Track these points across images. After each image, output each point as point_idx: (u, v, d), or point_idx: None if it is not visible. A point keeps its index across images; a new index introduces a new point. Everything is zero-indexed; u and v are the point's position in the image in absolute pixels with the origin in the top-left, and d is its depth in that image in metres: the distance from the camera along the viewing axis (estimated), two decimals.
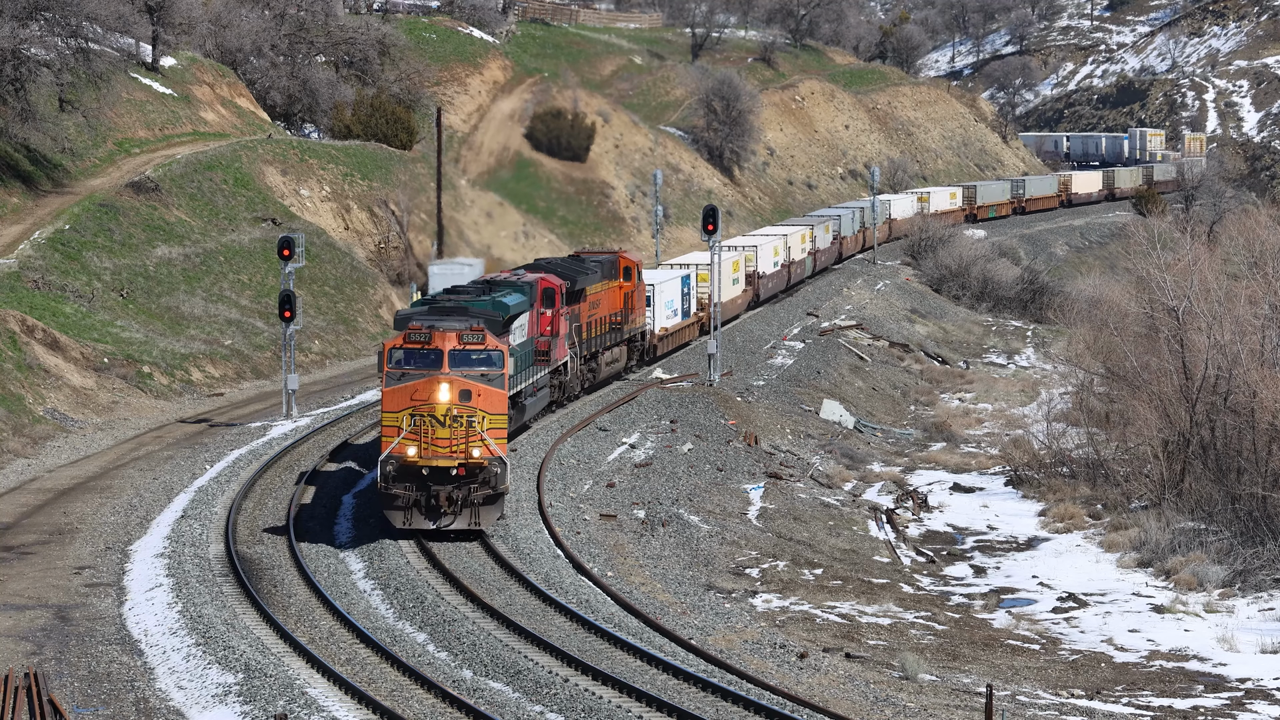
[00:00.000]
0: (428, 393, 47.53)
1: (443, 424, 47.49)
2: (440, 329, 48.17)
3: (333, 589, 45.08)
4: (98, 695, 36.64)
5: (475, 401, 47.70)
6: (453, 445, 47.57)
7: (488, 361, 48.18)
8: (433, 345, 47.89)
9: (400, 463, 47.72)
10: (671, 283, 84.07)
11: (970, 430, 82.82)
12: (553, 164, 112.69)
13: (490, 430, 47.78)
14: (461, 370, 47.78)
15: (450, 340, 47.95)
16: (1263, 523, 55.94)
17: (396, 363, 47.95)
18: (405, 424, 47.50)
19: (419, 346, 47.94)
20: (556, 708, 35.69)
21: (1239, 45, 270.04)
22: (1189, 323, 63.50)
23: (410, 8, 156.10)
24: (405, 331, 48.09)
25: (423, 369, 47.76)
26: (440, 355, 47.81)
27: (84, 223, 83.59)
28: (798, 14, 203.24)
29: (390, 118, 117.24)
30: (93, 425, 67.17)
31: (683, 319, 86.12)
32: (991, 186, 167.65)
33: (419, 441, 47.55)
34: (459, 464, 47.75)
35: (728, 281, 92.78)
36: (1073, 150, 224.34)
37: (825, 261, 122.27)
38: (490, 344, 48.29)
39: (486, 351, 48.20)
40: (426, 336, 47.95)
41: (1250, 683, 44.42)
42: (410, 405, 47.54)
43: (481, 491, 48.09)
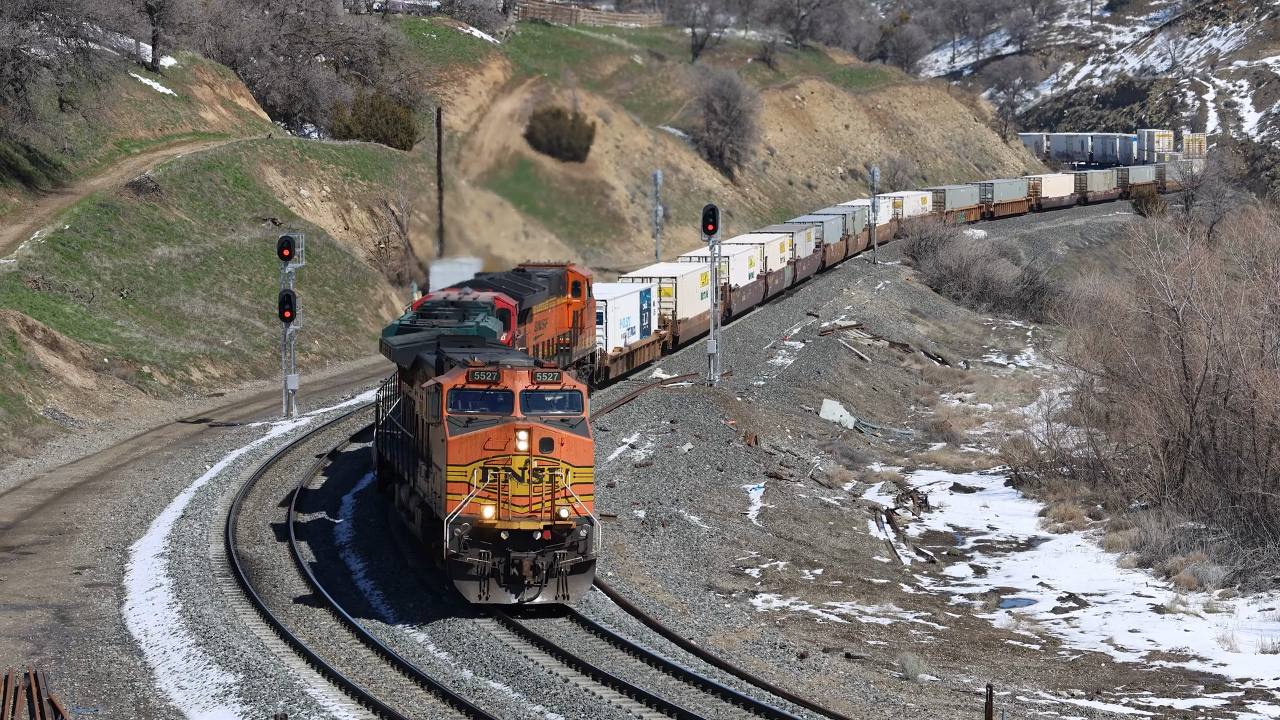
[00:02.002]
0: (502, 442, 40.80)
1: (521, 479, 40.82)
2: (509, 367, 41.79)
3: (333, 589, 45.09)
4: (98, 695, 36.65)
5: (558, 452, 40.95)
6: (535, 504, 40.87)
7: (567, 404, 41.75)
8: (501, 385, 41.43)
9: (474, 525, 40.91)
10: (628, 298, 77.53)
11: (970, 430, 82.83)
12: (553, 164, 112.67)
13: (576, 485, 41.05)
14: (538, 415, 41.23)
15: (521, 379, 41.50)
16: (1263, 523, 55.94)
17: (458, 405, 41.40)
18: (476, 479, 40.75)
19: (485, 387, 41.44)
20: (556, 708, 35.69)
21: (1239, 45, 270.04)
22: (1189, 323, 63.50)
23: (410, 8, 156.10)
24: (468, 369, 41.54)
25: (493, 414, 41.22)
26: (510, 397, 41.35)
27: (84, 223, 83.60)
28: (798, 14, 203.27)
29: (390, 118, 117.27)
30: (93, 425, 67.18)
31: (641, 337, 79.60)
32: (960, 191, 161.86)
33: (496, 500, 40.84)
34: (544, 526, 41.04)
35: (694, 296, 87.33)
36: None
37: (807, 271, 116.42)
38: (568, 384, 41.93)
39: (564, 392, 41.79)
40: (493, 375, 41.47)
41: (1250, 683, 44.43)
42: (482, 457, 40.82)
43: (569, 559, 41.30)
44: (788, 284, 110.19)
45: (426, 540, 44.72)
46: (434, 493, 42.65)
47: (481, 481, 40.68)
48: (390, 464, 51.59)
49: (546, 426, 40.88)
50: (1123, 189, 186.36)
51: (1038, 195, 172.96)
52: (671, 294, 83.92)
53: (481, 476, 40.70)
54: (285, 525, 51.58)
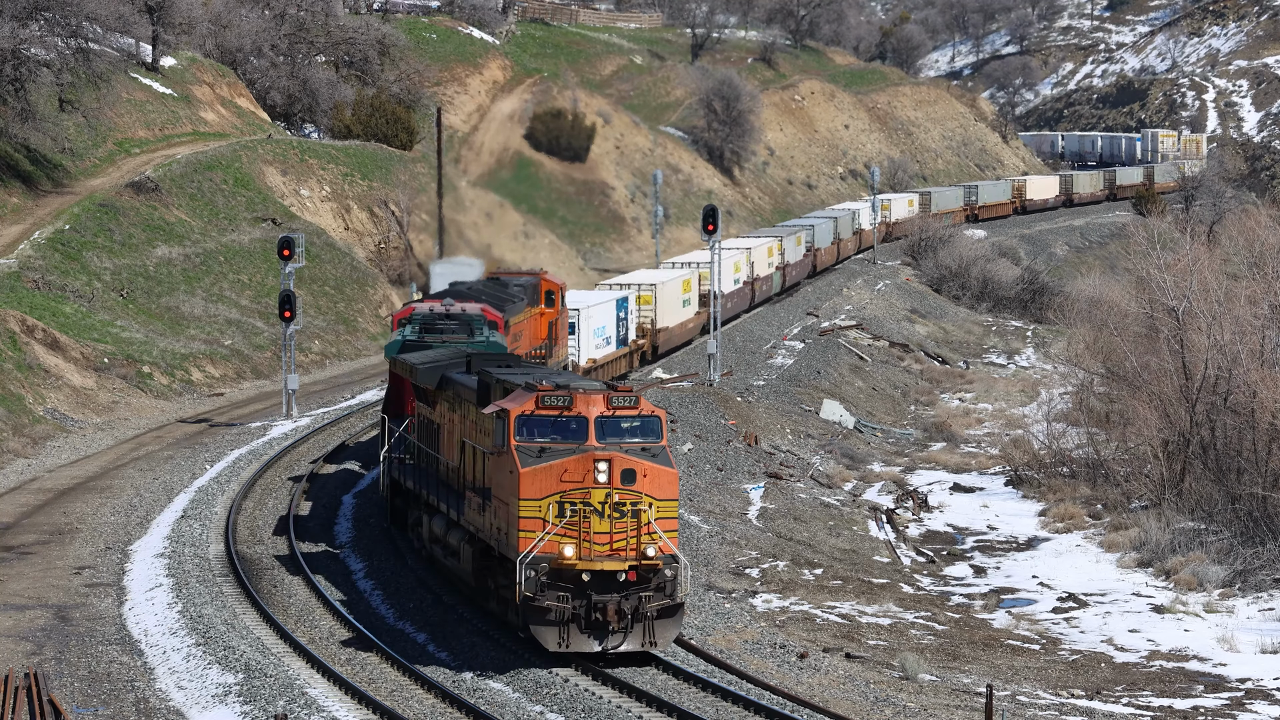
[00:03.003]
0: (580, 473, 37.27)
1: (601, 515, 37.36)
2: (582, 390, 38.37)
3: (333, 589, 45.10)
4: (98, 695, 36.65)
5: (641, 484, 37.51)
6: (617, 542, 37.38)
7: (646, 430, 38.46)
8: (575, 411, 38.01)
9: (552, 565, 37.26)
10: (602, 307, 74.68)
11: (970, 430, 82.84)
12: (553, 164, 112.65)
13: (660, 521, 37.64)
14: (617, 443, 37.90)
15: (596, 404, 38.13)
16: (1263, 523, 55.94)
17: (527, 433, 37.85)
18: (552, 514, 37.17)
19: (556, 413, 37.90)
20: (556, 708, 35.69)
21: (1239, 45, 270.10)
22: (1189, 323, 63.50)
23: (410, 8, 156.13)
24: (536, 394, 37.91)
25: (566, 442, 37.76)
26: (584, 424, 37.94)
27: (84, 223, 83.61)
28: (798, 14, 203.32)
29: (390, 118, 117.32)
30: (93, 425, 67.19)
31: (617, 348, 76.58)
32: (945, 193, 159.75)
33: (577, 538, 37.27)
34: (630, 566, 37.53)
35: (676, 304, 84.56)
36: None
37: (796, 276, 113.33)
38: (645, 408, 38.70)
39: (642, 418, 38.51)
40: (565, 400, 37.97)
41: (1250, 683, 44.43)
42: (558, 490, 37.25)
43: (656, 602, 37.76)
44: (776, 290, 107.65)
45: (478, 580, 41.12)
46: (494, 528, 39.01)
47: (558, 517, 37.16)
48: (412, 493, 47.90)
49: (628, 456, 37.55)
50: (1109, 191, 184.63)
51: (1022, 197, 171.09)
52: (651, 302, 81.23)
53: (558, 512, 37.19)
54: (285, 525, 51.58)
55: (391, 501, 50.58)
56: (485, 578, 40.52)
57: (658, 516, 37.41)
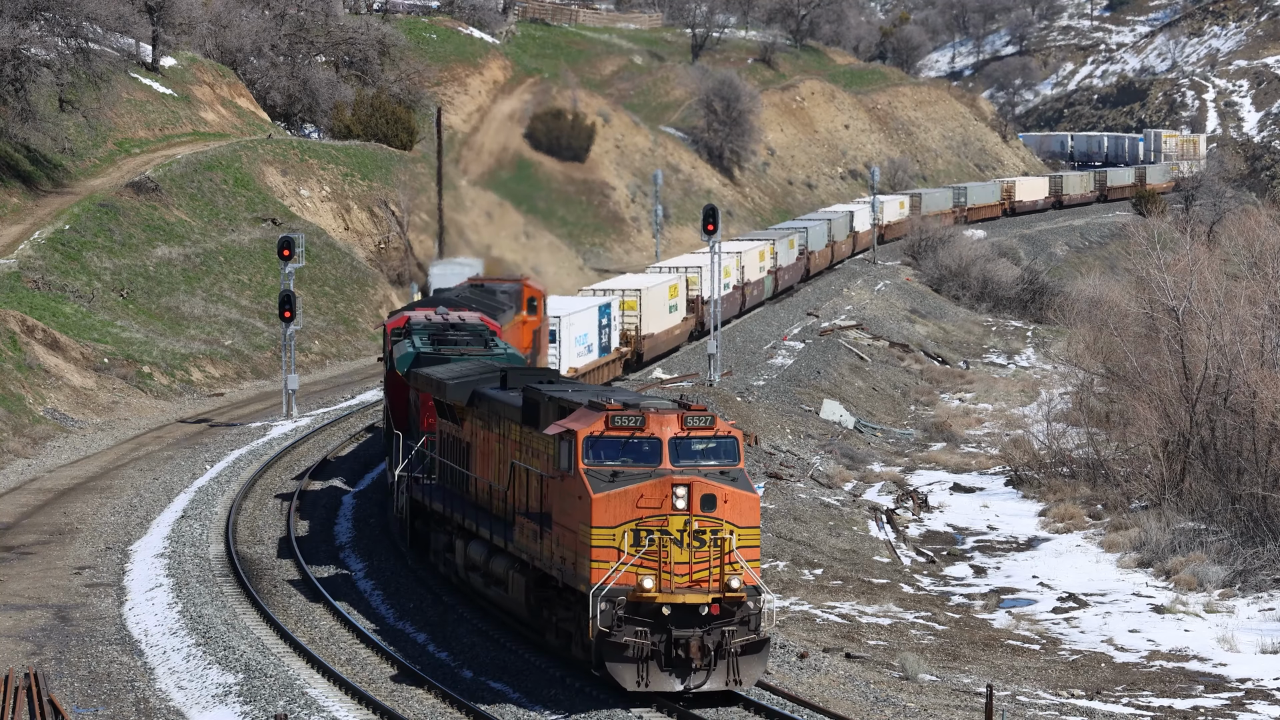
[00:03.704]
0: (658, 499, 34.70)
1: (680, 543, 34.81)
2: (654, 410, 35.72)
3: (333, 589, 45.09)
4: (98, 695, 36.65)
5: (721, 510, 35.05)
6: (697, 573, 34.86)
7: (723, 452, 35.80)
8: (647, 432, 35.35)
9: (630, 598, 34.65)
10: (584, 314, 72.48)
11: (970, 430, 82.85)
12: (553, 164, 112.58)
13: (743, 549, 35.38)
14: (692, 465, 35.28)
15: (670, 424, 35.42)
16: (1263, 523, 55.94)
17: (596, 455, 35.24)
18: (627, 543, 34.61)
19: (628, 434, 35.30)
20: (557, 708, 35.67)
21: (1239, 45, 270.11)
22: (1189, 323, 63.50)
23: (410, 8, 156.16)
24: (605, 413, 35.36)
25: (639, 465, 35.13)
26: (658, 446, 35.27)
27: (84, 223, 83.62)
28: (798, 14, 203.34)
29: (390, 118, 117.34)
30: (93, 425, 67.20)
31: (599, 356, 74.21)
32: (935, 194, 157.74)
33: (657, 569, 34.73)
34: (713, 599, 35.02)
35: (662, 309, 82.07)
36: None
37: (789, 280, 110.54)
38: (721, 428, 35.89)
39: (718, 439, 35.77)
40: (638, 420, 35.35)
41: (1250, 683, 44.43)
42: (634, 517, 34.68)
43: (741, 637, 35.29)
44: (768, 294, 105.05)
45: (533, 613, 38.37)
46: (556, 557, 36.39)
47: (633, 546, 34.56)
48: (439, 516, 44.81)
49: (708, 481, 34.97)
50: (1100, 192, 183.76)
51: (1011, 199, 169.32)
52: (635, 307, 78.98)
53: (633, 540, 34.59)
54: (285, 525, 51.58)
55: (411, 524, 47.64)
56: (541, 609, 37.95)
57: (740, 545, 35.19)
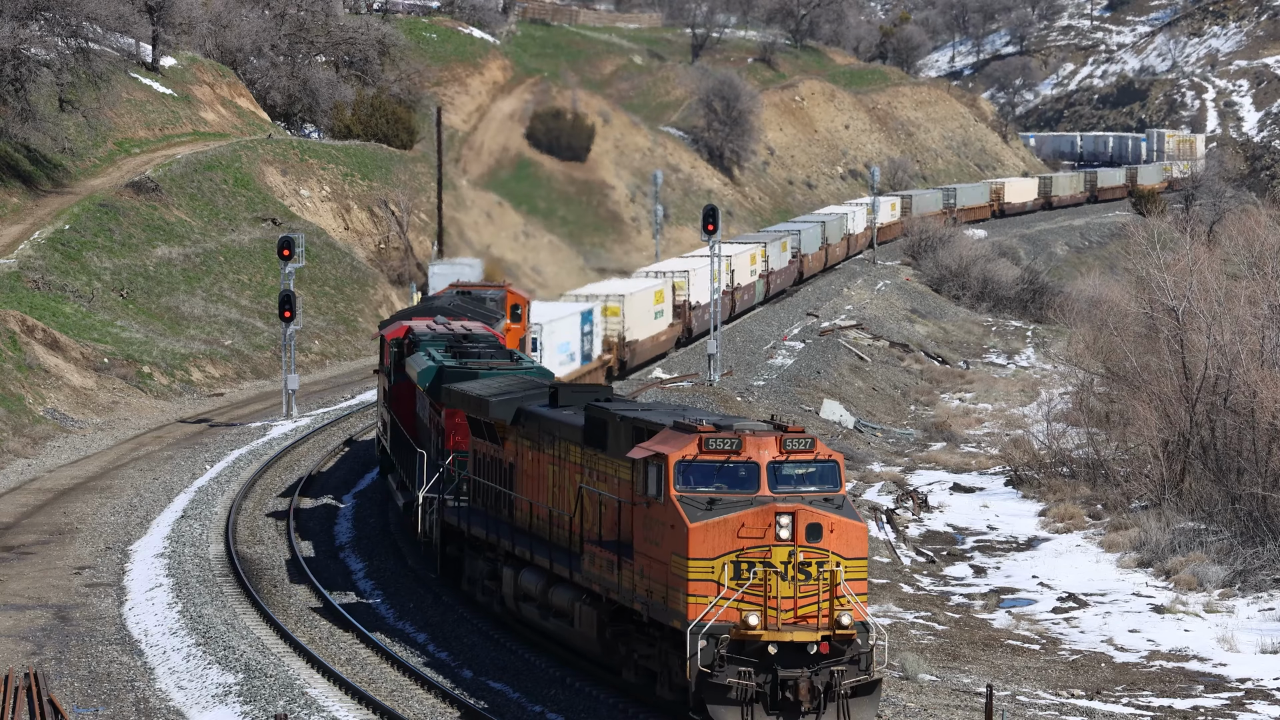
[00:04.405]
0: (761, 529, 32.22)
1: (784, 576, 32.34)
2: (750, 431, 33.25)
3: (333, 589, 45.08)
4: (98, 695, 36.64)
5: (828, 540, 32.53)
6: (803, 608, 32.43)
7: (824, 477, 33.29)
8: (744, 456, 32.85)
9: (734, 635, 32.15)
10: (566, 321, 70.72)
11: (970, 430, 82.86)
12: (553, 164, 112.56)
13: (851, 582, 32.79)
14: (793, 492, 32.83)
15: (768, 447, 32.98)
16: (1263, 523, 55.91)
17: (689, 481, 32.77)
18: (727, 576, 32.12)
19: (723, 458, 32.81)
20: (557, 708, 35.67)
21: (1239, 45, 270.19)
22: (1189, 323, 63.48)
23: (410, 8, 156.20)
24: (699, 436, 32.92)
25: (735, 492, 32.65)
26: (755, 471, 32.79)
27: (84, 223, 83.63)
28: (798, 14, 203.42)
29: (390, 118, 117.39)
30: (93, 425, 67.20)
31: (581, 364, 72.63)
32: (925, 196, 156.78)
33: (762, 605, 32.22)
34: (823, 637, 32.54)
35: (647, 315, 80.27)
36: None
37: (781, 284, 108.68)
38: (822, 451, 33.48)
39: (819, 463, 33.37)
40: (734, 444, 32.89)
41: (1250, 683, 44.42)
42: (734, 548, 32.22)
43: (852, 677, 32.85)
44: (759, 299, 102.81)
45: (606, 649, 35.74)
46: (641, 589, 33.93)
47: (734, 579, 32.12)
48: (480, 542, 42.21)
49: (813, 509, 32.54)
50: (1090, 193, 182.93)
51: (1000, 200, 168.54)
52: (619, 314, 77.17)
53: (734, 573, 32.16)
54: (285, 525, 51.59)
55: (443, 550, 44.75)
56: (617, 645, 35.50)
57: (847, 578, 32.65)
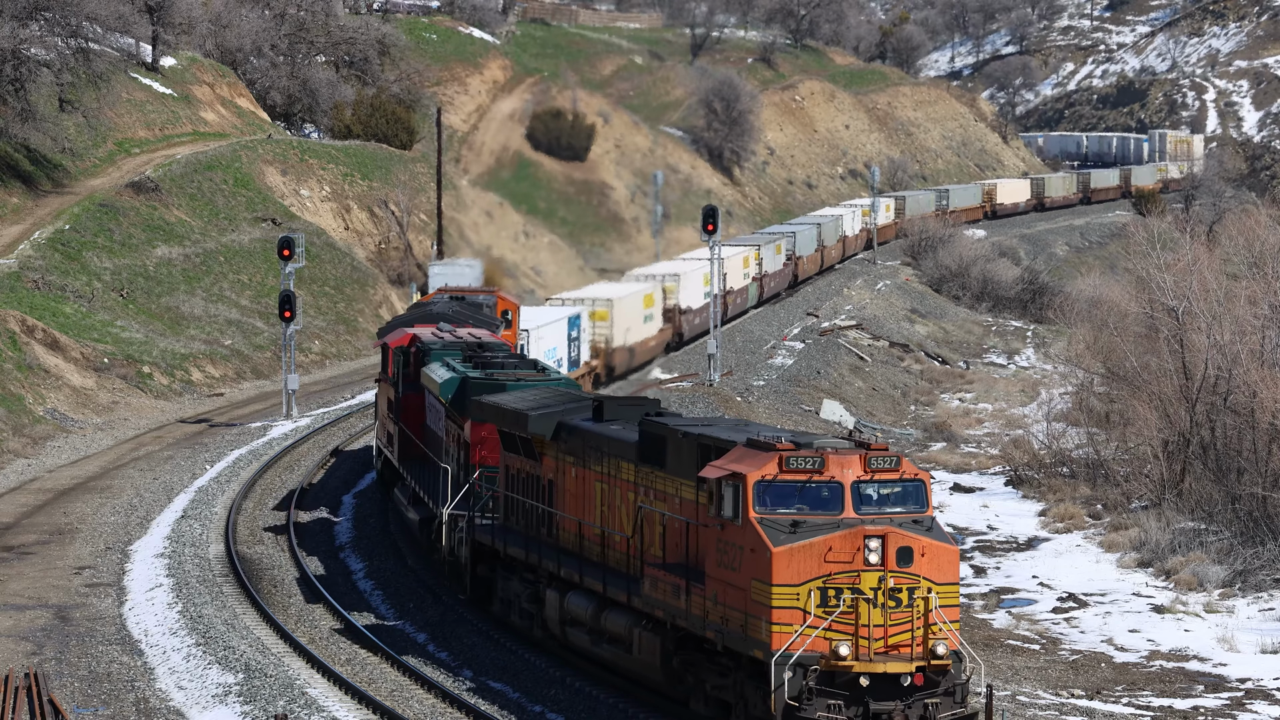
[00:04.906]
0: (849, 553, 30.59)
1: (875, 604, 30.63)
2: (832, 449, 31.60)
3: (333, 589, 45.08)
4: (98, 695, 36.64)
5: (919, 565, 31.00)
6: (895, 637, 30.70)
7: (910, 497, 31.79)
8: (827, 475, 31.19)
9: (824, 667, 30.45)
10: (553, 326, 68.86)
11: (970, 430, 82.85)
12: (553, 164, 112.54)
13: (944, 608, 31.17)
14: (879, 513, 31.27)
15: (852, 466, 31.34)
16: (1263, 523, 55.90)
17: (769, 502, 31.01)
18: (813, 603, 30.42)
19: (805, 478, 31.13)
20: (557, 708, 35.67)
21: (1239, 45, 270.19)
22: (1189, 323, 63.46)
23: (410, 8, 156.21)
24: (778, 454, 31.19)
25: (818, 514, 30.97)
26: (839, 491, 31.13)
27: (84, 223, 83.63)
28: (798, 14, 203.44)
29: (390, 118, 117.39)
30: (93, 425, 67.19)
31: (568, 371, 69.88)
32: (918, 197, 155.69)
33: (853, 633, 30.55)
34: (917, 668, 30.82)
35: (636, 320, 78.46)
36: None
37: (776, 287, 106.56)
38: (908, 470, 31.92)
39: (904, 482, 31.79)
40: (816, 462, 31.18)
41: (1250, 683, 44.41)
42: (821, 574, 30.55)
43: (947, 710, 31.23)
44: (752, 303, 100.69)
45: (671, 677, 33.91)
46: (715, 616, 32.13)
47: (820, 607, 30.40)
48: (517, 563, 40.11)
49: (903, 531, 31.00)
50: (1083, 194, 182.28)
51: (992, 201, 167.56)
52: (606, 318, 75.52)
53: (820, 600, 30.43)
54: (285, 525, 51.59)
55: (473, 570, 42.61)
56: (685, 674, 33.67)
57: (940, 604, 31.02)
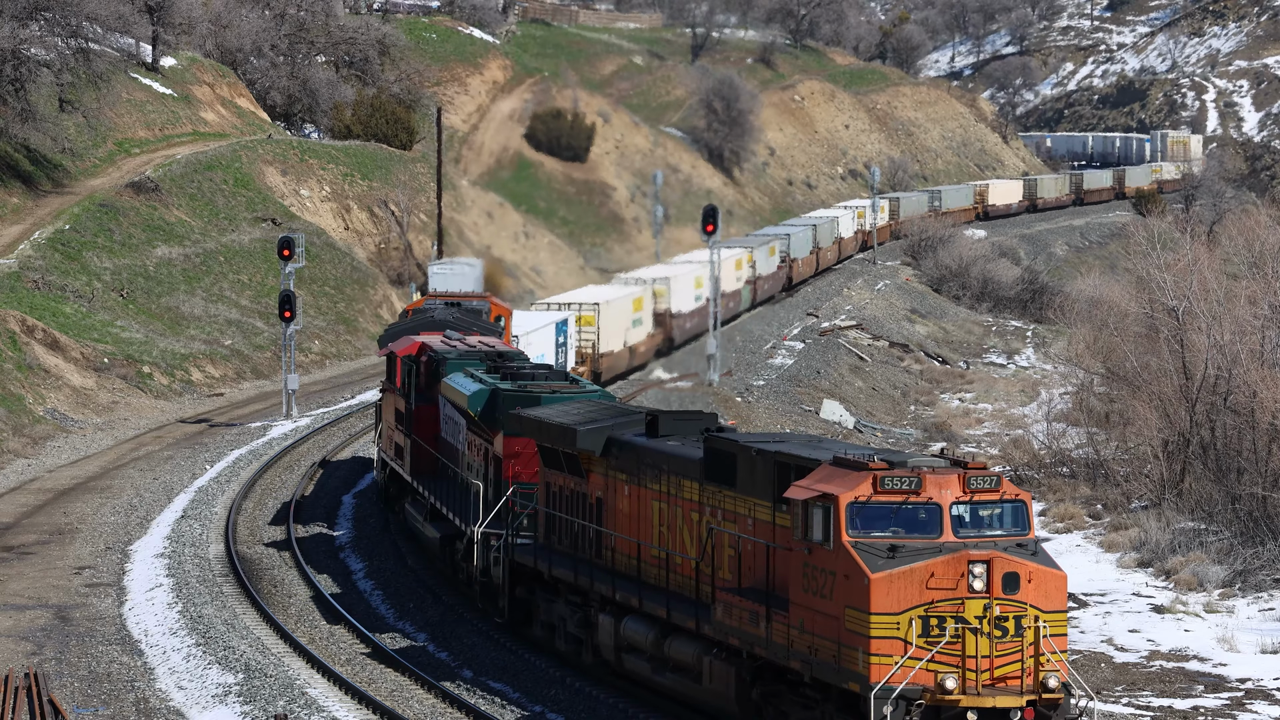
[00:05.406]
0: (952, 579, 28.65)
1: (981, 633, 28.67)
2: (929, 469, 29.66)
3: (332, 589, 45.09)
4: (98, 695, 36.64)
5: (1025, 591, 29.04)
6: (1002, 668, 28.74)
7: (1012, 520, 29.78)
8: (924, 496, 29.29)
9: (929, 701, 28.53)
10: (541, 332, 67.17)
11: (970, 430, 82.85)
12: (553, 164, 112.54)
13: (1053, 638, 29.26)
14: (980, 536, 29.32)
15: (950, 487, 29.44)
16: (1263, 523, 55.90)
17: (863, 525, 29.09)
18: (914, 633, 28.48)
19: (901, 499, 29.21)
20: (557, 708, 35.68)
21: (1239, 45, 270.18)
22: (1189, 323, 63.45)
23: (410, 8, 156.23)
24: (872, 474, 29.25)
25: (914, 537, 29.09)
26: (937, 513, 29.24)
27: (84, 223, 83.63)
28: (798, 14, 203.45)
29: (390, 118, 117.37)
30: (93, 425, 67.19)
31: None
32: (911, 198, 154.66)
33: (959, 665, 28.55)
34: (1028, 702, 28.82)
35: (624, 325, 77.16)
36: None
37: (769, 290, 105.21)
38: (1009, 490, 29.87)
39: (1005, 503, 29.79)
40: (913, 482, 29.31)
41: (1250, 683, 44.41)
42: (923, 601, 28.58)
43: None
44: (745, 306, 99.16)
45: (748, 709, 31.82)
46: (797, 645, 30.03)
47: (923, 636, 28.46)
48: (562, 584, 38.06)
49: (1008, 556, 29.02)
50: (1076, 195, 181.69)
51: (984, 202, 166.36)
52: (593, 323, 73.86)
53: (922, 629, 28.50)
54: (285, 525, 51.59)
55: (511, 593, 40.06)
56: (765, 706, 31.67)
57: (1050, 633, 29.19)
